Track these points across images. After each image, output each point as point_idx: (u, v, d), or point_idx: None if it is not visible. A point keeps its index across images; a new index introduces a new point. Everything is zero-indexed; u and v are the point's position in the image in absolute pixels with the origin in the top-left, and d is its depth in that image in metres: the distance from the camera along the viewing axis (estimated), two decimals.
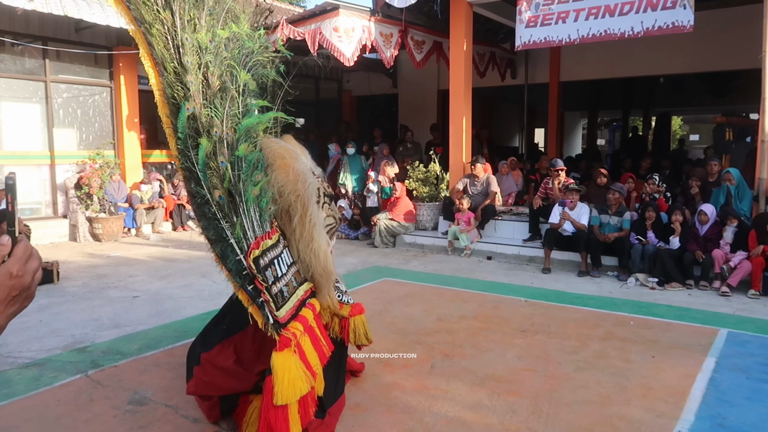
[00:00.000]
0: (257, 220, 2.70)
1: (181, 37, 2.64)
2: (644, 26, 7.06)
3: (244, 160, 2.67)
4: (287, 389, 2.51)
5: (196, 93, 2.65)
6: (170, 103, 2.67)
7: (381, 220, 9.20)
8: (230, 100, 2.74)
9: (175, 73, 2.64)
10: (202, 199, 2.63)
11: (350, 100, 15.32)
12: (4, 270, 0.95)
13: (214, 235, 2.67)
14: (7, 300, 0.96)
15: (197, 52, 2.68)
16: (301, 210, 2.83)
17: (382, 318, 5.30)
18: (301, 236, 2.85)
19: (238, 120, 2.75)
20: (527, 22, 7.95)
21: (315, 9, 8.81)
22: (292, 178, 2.83)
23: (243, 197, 2.63)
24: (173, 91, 2.65)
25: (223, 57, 2.78)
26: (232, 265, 2.64)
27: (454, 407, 3.47)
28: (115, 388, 3.74)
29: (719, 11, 9.62)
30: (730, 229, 6.49)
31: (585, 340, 4.68)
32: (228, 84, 2.76)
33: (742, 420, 3.32)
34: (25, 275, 0.97)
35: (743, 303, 5.90)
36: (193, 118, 2.64)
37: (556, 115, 12.65)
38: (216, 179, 2.62)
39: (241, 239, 2.61)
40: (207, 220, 2.66)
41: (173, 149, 2.72)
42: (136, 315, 5.40)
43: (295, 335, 2.63)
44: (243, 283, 2.65)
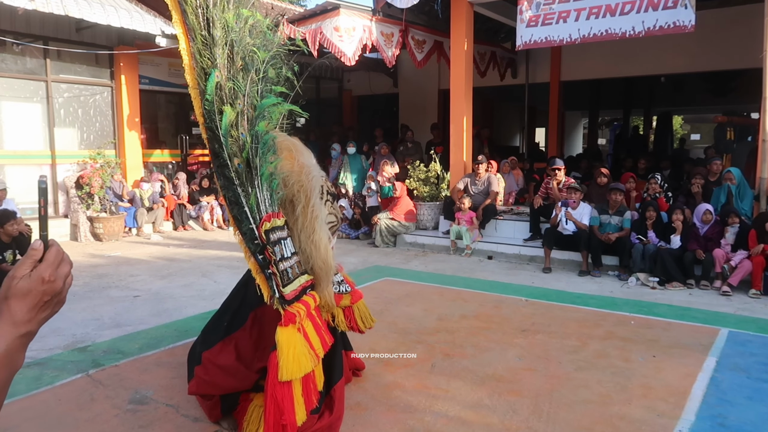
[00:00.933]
0: (269, 197, 2.76)
1: (211, 12, 2.73)
2: (645, 26, 7.06)
3: (261, 138, 2.75)
4: (292, 364, 2.51)
5: (222, 65, 2.74)
6: (199, 68, 2.75)
7: (382, 219, 9.21)
8: (250, 81, 2.83)
9: (203, 43, 2.73)
10: (222, 161, 2.71)
11: (351, 99, 15.33)
12: (36, 275, 0.94)
13: (232, 196, 2.73)
14: (39, 305, 0.95)
15: (225, 29, 2.78)
16: (304, 200, 2.88)
17: (383, 317, 5.30)
18: (303, 227, 2.88)
19: (257, 99, 2.84)
20: (528, 22, 7.95)
21: (316, 8, 8.82)
22: (297, 169, 2.89)
23: (259, 171, 2.71)
24: (201, 57, 2.74)
25: (246, 42, 2.86)
26: (246, 230, 2.70)
27: (455, 407, 3.47)
28: (116, 388, 3.75)
29: (720, 11, 9.61)
30: (731, 229, 6.48)
31: (585, 340, 4.68)
32: (249, 66, 2.84)
33: (742, 419, 3.32)
34: (56, 280, 0.96)
35: (744, 302, 5.90)
36: (219, 88, 2.73)
37: (556, 115, 12.66)
38: (236, 147, 2.71)
39: (255, 209, 2.69)
40: (227, 180, 2.72)
41: (198, 110, 2.79)
42: (137, 314, 5.40)
43: (299, 313, 2.65)
44: (255, 250, 2.69)
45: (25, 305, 0.93)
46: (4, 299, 0.94)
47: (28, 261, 0.96)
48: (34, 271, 0.94)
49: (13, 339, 0.92)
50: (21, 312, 0.93)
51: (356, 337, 4.66)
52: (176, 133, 12.06)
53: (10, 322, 0.93)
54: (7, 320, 0.93)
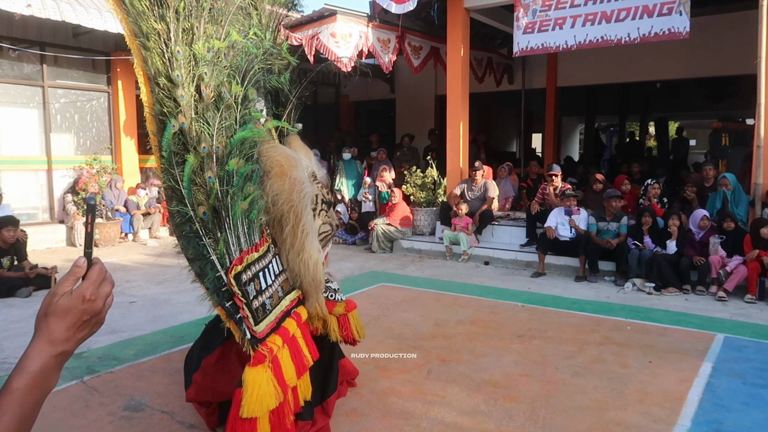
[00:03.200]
0: (245, 233, 2.67)
1: (173, 50, 2.60)
2: (641, 32, 7.10)
3: (235, 173, 2.63)
4: (254, 404, 2.51)
5: (187, 107, 2.61)
6: (158, 120, 2.64)
7: (378, 225, 9.21)
8: (227, 110, 2.71)
9: (166, 87, 2.60)
10: (182, 218, 2.61)
11: (348, 105, 15.35)
12: (78, 293, 0.92)
13: (192, 254, 2.65)
14: (78, 324, 0.92)
15: (190, 64, 2.65)
16: (294, 221, 2.82)
17: (379, 323, 5.30)
18: (291, 246, 2.84)
19: (233, 131, 2.71)
20: (524, 29, 7.98)
21: (313, 15, 8.84)
22: (288, 188, 2.81)
23: (230, 212, 2.60)
24: (162, 107, 2.61)
25: (222, 66, 2.74)
26: (209, 284, 2.63)
27: (451, 413, 3.46)
28: (111, 394, 3.73)
29: (715, 17, 9.67)
30: (714, 240, 6.49)
31: (582, 345, 4.68)
32: (225, 94, 2.72)
33: (738, 425, 3.32)
34: (97, 299, 0.94)
35: (740, 308, 5.91)
36: (181, 134, 2.61)
37: (553, 120, 12.70)
38: (201, 195, 2.59)
39: (224, 255, 2.59)
40: (186, 239, 2.64)
41: (157, 166, 2.69)
42: (132, 320, 5.38)
43: (271, 350, 2.61)
44: (221, 300, 2.64)
45: (64, 324, 0.91)
46: (44, 316, 0.92)
47: (70, 278, 0.93)
48: (76, 289, 0.92)
49: (49, 357, 0.90)
50: (59, 330, 0.91)
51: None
52: None
53: (47, 340, 0.90)
54: (44, 338, 0.91)
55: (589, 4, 7.40)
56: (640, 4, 7.02)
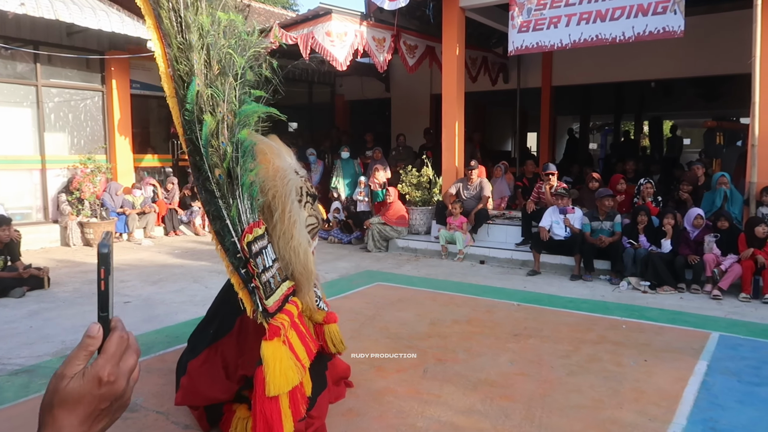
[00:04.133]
0: (250, 207, 2.70)
1: (185, 16, 2.65)
2: (635, 31, 7.11)
3: (240, 145, 2.68)
4: (279, 379, 2.48)
5: (199, 71, 2.65)
6: (177, 76, 2.66)
7: (374, 224, 9.20)
8: (228, 86, 2.75)
9: (179, 48, 2.64)
10: (204, 174, 2.63)
11: (343, 104, 15.34)
12: (92, 375, 0.71)
13: (215, 211, 2.66)
14: (94, 415, 0.72)
15: (200, 32, 2.69)
16: (281, 207, 2.83)
17: (375, 323, 5.29)
18: (281, 233, 2.84)
19: (236, 105, 2.75)
20: (519, 27, 7.99)
21: (308, 14, 8.83)
22: (272, 174, 2.83)
23: (240, 180, 2.64)
24: (179, 64, 2.65)
25: (221, 44, 2.78)
26: (229, 245, 2.63)
27: (447, 412, 3.46)
28: None
29: (709, 16, 9.70)
30: (708, 238, 6.52)
31: (578, 344, 4.69)
32: (227, 70, 2.76)
33: (733, 423, 3.33)
34: (118, 380, 0.73)
35: (734, 306, 5.93)
36: (198, 95, 2.64)
37: (548, 120, 12.71)
38: (216, 158, 2.62)
39: (236, 221, 2.61)
40: (209, 194, 2.65)
41: (178, 121, 2.71)
42: (127, 320, 5.28)
43: (283, 325, 2.61)
44: (238, 265, 2.63)
45: (76, 417, 0.70)
46: (49, 408, 0.71)
47: (81, 353, 0.72)
48: (90, 369, 0.71)
49: None
50: (70, 426, 0.70)
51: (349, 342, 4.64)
52: (167, 138, 12.00)
53: None
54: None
55: (583, 3, 7.40)
56: (635, 3, 7.03)
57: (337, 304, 5.83)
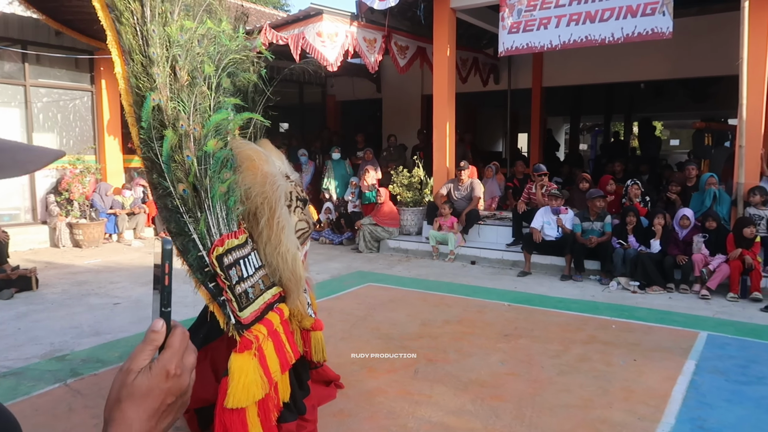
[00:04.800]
0: (224, 218, 2.66)
1: (149, 29, 2.60)
2: (624, 32, 7.15)
3: (212, 156, 2.64)
4: (241, 393, 2.47)
5: (163, 85, 2.61)
6: (134, 93, 2.63)
7: (365, 225, 9.20)
8: (201, 96, 2.71)
9: (141, 64, 2.61)
10: (164, 191, 2.59)
11: (334, 104, 15.32)
12: (159, 369, 0.71)
13: (175, 228, 2.62)
14: (161, 410, 0.72)
15: (165, 45, 2.65)
16: (268, 213, 2.80)
17: (366, 323, 5.29)
18: (268, 239, 2.81)
19: (208, 115, 2.71)
20: (510, 28, 8.01)
21: (298, 14, 8.81)
22: (260, 180, 2.80)
23: (209, 193, 2.60)
24: (138, 81, 2.61)
25: (195, 52, 2.74)
26: (193, 261, 2.61)
27: (438, 412, 3.47)
28: (94, 397, 3.69)
29: (698, 18, 9.77)
30: (697, 239, 6.58)
31: (568, 344, 4.71)
32: (199, 79, 2.72)
33: (721, 422, 3.36)
34: (183, 374, 0.73)
35: (722, 306, 5.98)
36: (159, 110, 2.60)
37: (538, 120, 12.76)
38: (180, 173, 2.58)
39: (205, 235, 2.58)
40: (169, 212, 2.61)
41: (135, 139, 2.67)
42: (117, 322, 5.33)
43: (257, 338, 2.59)
44: (204, 279, 2.61)
45: (144, 411, 0.70)
46: (116, 402, 0.70)
47: (146, 348, 0.72)
48: (156, 363, 0.71)
49: None
50: (139, 420, 0.70)
51: (339, 343, 4.65)
52: None
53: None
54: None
55: (573, 5, 7.45)
56: (624, 5, 7.08)
57: (328, 304, 5.83)
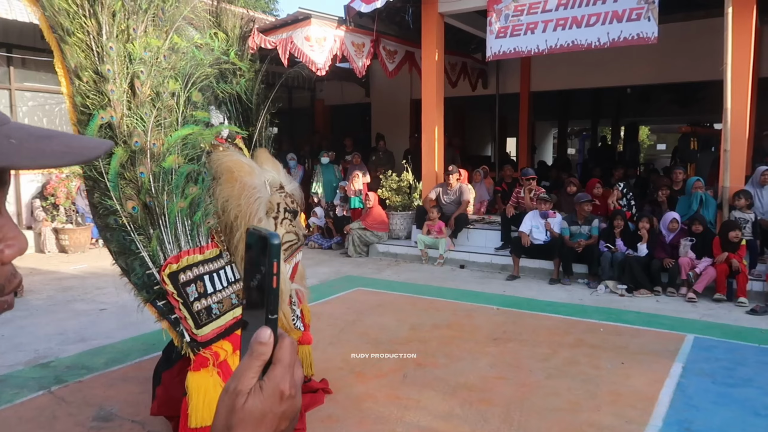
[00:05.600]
0: (186, 234, 2.62)
1: (105, 46, 2.56)
2: (610, 37, 7.22)
3: (174, 171, 2.60)
4: (203, 411, 2.45)
5: (118, 102, 2.57)
6: (79, 111, 2.59)
7: (354, 229, 9.18)
8: (167, 110, 2.67)
9: (93, 81, 2.56)
10: (106, 210, 2.54)
11: (323, 109, 15.31)
12: (272, 389, 0.61)
13: (116, 247, 2.58)
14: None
15: (125, 62, 2.61)
16: (243, 227, 2.76)
17: (355, 328, 5.28)
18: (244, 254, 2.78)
19: (173, 129, 2.68)
20: (497, 33, 8.06)
21: (287, 18, 8.80)
22: (237, 193, 2.77)
23: (165, 209, 2.55)
24: (85, 99, 2.56)
25: (162, 68, 2.70)
26: (137, 280, 2.57)
27: (426, 417, 3.46)
28: (79, 405, 3.64)
29: (684, 24, 9.88)
30: (684, 242, 6.64)
31: (556, 348, 4.72)
32: (164, 95, 2.68)
33: (708, 424, 3.38)
34: (297, 394, 0.64)
35: (709, 308, 6.03)
36: (109, 127, 2.56)
37: (527, 125, 12.82)
38: (131, 190, 2.54)
39: (157, 253, 2.53)
40: (111, 231, 2.57)
41: None
42: (103, 328, 5.27)
43: (217, 355, 2.54)
44: (151, 297, 2.57)
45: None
46: (226, 431, 0.61)
47: (254, 364, 0.62)
48: (267, 383, 0.62)
49: None
50: None
51: (328, 348, 4.63)
52: None
53: None
54: None
55: (560, 10, 7.50)
56: (610, 10, 7.15)
57: (317, 309, 5.80)
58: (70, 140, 0.58)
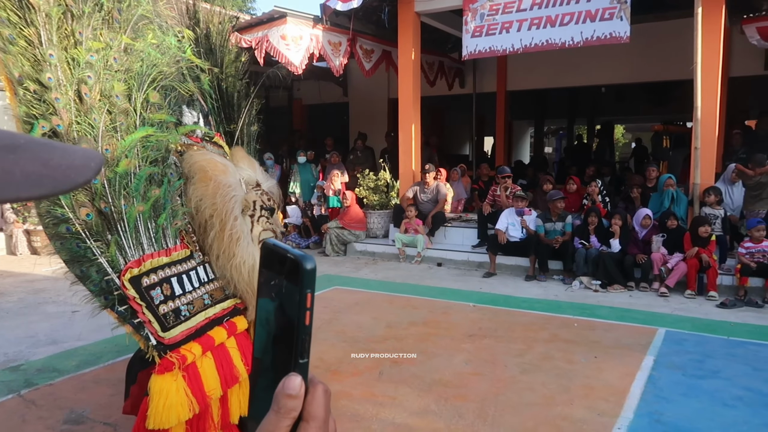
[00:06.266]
0: (150, 237, 2.58)
1: (45, 54, 2.48)
2: (583, 36, 7.32)
3: (131, 175, 2.55)
4: (162, 414, 2.41)
5: (64, 110, 2.48)
6: (23, 122, 2.50)
7: (332, 228, 9.17)
8: (122, 114, 2.60)
9: (34, 91, 2.47)
10: (57, 219, 2.47)
11: (301, 108, 15.25)
12: None
13: (68, 256, 2.53)
14: None
15: (68, 68, 2.53)
16: (218, 225, 2.73)
17: (332, 326, 5.27)
18: (220, 252, 2.74)
19: (129, 132, 2.60)
20: (473, 32, 8.11)
21: (262, 17, 8.75)
22: (211, 192, 2.74)
23: (123, 214, 2.50)
24: (30, 109, 2.47)
25: (113, 70, 2.63)
26: (94, 287, 2.53)
27: (402, 414, 3.47)
28: (50, 408, 3.58)
29: (655, 24, 10.03)
30: (656, 239, 6.77)
31: (531, 343, 4.77)
32: (117, 98, 2.61)
33: (678, 416, 3.44)
34: None
35: (680, 303, 6.14)
36: (56, 135, 2.47)
37: (503, 124, 12.91)
38: (84, 197, 2.47)
39: (117, 258, 2.49)
40: (62, 240, 2.50)
41: None
42: (74, 330, 5.18)
43: (184, 358, 2.51)
44: (109, 303, 2.54)
45: None
46: None
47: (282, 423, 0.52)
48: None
49: None
50: None
51: None
52: None
53: None
54: None
55: (534, 9, 7.58)
56: (583, 9, 7.24)
57: None
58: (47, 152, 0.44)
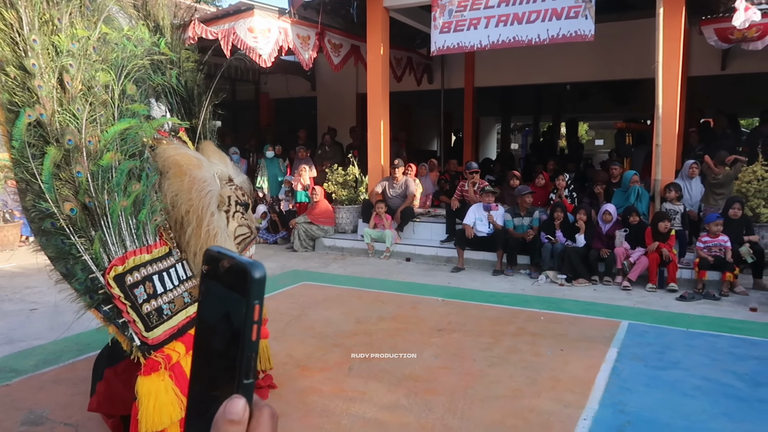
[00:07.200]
0: (131, 234, 2.52)
1: (28, 39, 2.39)
2: (549, 34, 7.42)
3: (113, 169, 2.48)
4: (154, 415, 2.38)
5: (47, 98, 2.41)
6: (6, 110, 2.41)
7: (300, 223, 9.10)
8: (102, 105, 2.53)
9: (17, 77, 2.39)
10: (42, 214, 2.41)
11: (268, 102, 15.07)
12: None
13: (54, 252, 2.46)
14: None
15: (51, 55, 2.45)
16: (195, 222, 2.69)
17: (300, 322, 5.23)
18: (198, 248, 2.70)
19: (110, 125, 2.54)
20: (441, 28, 8.14)
21: (229, 9, 8.59)
22: (186, 187, 2.69)
23: (106, 209, 2.44)
24: (12, 96, 2.39)
25: (92, 60, 2.55)
26: (79, 285, 2.46)
27: (372, 408, 3.47)
28: (6, 409, 3.46)
29: (619, 23, 10.23)
30: (619, 233, 6.93)
31: (498, 337, 4.82)
32: (97, 89, 2.54)
33: (640, 405, 3.53)
34: None
35: (642, 296, 6.30)
36: (39, 125, 2.40)
37: (471, 120, 13.01)
38: (68, 191, 2.40)
39: (100, 255, 2.42)
40: (47, 235, 2.44)
41: (8, 159, 2.45)
42: (33, 329, 5.03)
43: (169, 358, 2.47)
44: (94, 303, 2.47)
45: None
46: None
47: None
48: None
49: None
50: None
51: (273, 343, 4.56)
52: None
53: None
54: None
55: (501, 6, 7.66)
56: (549, 7, 7.35)
57: None
58: None
